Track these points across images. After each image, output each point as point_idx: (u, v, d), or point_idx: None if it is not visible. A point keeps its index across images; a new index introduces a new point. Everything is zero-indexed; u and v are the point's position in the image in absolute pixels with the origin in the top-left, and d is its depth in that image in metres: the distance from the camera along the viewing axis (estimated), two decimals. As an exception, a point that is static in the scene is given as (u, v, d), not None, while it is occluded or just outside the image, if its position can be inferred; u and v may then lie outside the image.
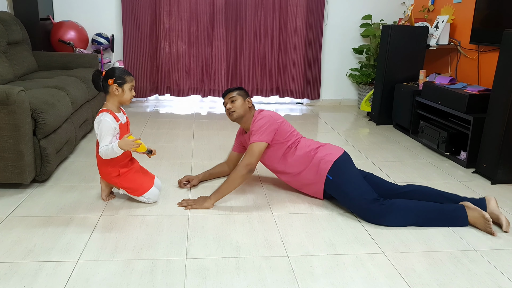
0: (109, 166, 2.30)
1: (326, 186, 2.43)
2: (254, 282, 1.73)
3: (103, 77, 2.27)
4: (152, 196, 2.40)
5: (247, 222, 2.24)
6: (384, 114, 4.50)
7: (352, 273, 1.82)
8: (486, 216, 2.17)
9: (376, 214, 2.25)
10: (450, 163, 3.34)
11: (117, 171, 2.31)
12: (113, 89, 2.26)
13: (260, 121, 2.44)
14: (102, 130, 2.21)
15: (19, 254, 1.86)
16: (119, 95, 2.28)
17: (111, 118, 2.24)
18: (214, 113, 4.84)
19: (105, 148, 2.20)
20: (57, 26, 4.51)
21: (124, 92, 2.28)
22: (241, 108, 2.52)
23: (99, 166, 2.34)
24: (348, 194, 2.33)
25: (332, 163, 2.38)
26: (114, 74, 2.25)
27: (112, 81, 2.24)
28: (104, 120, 2.22)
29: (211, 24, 5.05)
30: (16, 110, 2.32)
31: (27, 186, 2.57)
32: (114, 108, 2.30)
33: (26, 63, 3.69)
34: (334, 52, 5.39)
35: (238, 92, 2.57)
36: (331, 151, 2.45)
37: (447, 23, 4.20)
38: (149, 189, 2.38)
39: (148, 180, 2.42)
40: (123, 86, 2.27)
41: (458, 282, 1.79)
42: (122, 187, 2.36)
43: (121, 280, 1.71)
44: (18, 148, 2.38)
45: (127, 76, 2.28)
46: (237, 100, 2.53)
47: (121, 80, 2.26)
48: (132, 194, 2.37)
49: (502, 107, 2.82)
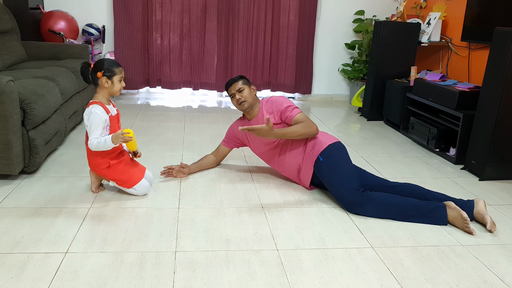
0: (99, 157, 2.28)
1: (316, 167, 2.46)
2: (243, 275, 1.74)
3: (92, 69, 2.25)
4: (142, 188, 2.39)
5: (237, 216, 2.24)
6: (375, 110, 4.52)
7: (341, 267, 1.84)
8: (464, 216, 2.18)
9: (353, 203, 2.30)
10: (439, 159, 3.37)
11: (107, 162, 2.29)
12: (102, 81, 2.24)
13: (279, 99, 2.55)
14: (93, 122, 2.20)
15: (7, 245, 1.85)
16: (108, 87, 2.26)
17: (101, 110, 2.22)
18: (205, 106, 4.82)
19: (97, 141, 2.18)
20: (47, 16, 4.45)
21: (114, 84, 2.26)
22: (249, 97, 2.57)
23: (89, 157, 2.32)
24: (333, 178, 2.38)
25: (327, 145, 2.45)
26: (102, 66, 2.23)
27: (101, 74, 2.23)
28: (95, 113, 2.20)
29: (203, 17, 5.02)
30: (4, 100, 2.29)
31: (16, 177, 2.55)
32: (104, 100, 2.28)
33: (15, 52, 3.63)
34: (326, 47, 5.40)
35: (243, 81, 2.60)
36: (328, 137, 2.54)
37: (439, 20, 4.22)
38: (139, 181, 2.37)
39: (138, 172, 2.40)
40: (113, 78, 2.25)
41: (445, 276, 1.81)
42: (112, 178, 2.34)
43: (110, 272, 1.70)
44: (6, 139, 2.35)
45: (116, 67, 2.27)
46: (245, 90, 2.57)
47: (110, 73, 2.24)
48: (122, 186, 2.36)
49: (491, 104, 2.85)
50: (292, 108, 2.50)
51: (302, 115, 2.49)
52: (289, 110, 2.50)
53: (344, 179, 2.34)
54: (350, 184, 2.31)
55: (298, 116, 2.48)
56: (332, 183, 2.40)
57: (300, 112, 2.49)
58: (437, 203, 2.30)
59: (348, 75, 5.30)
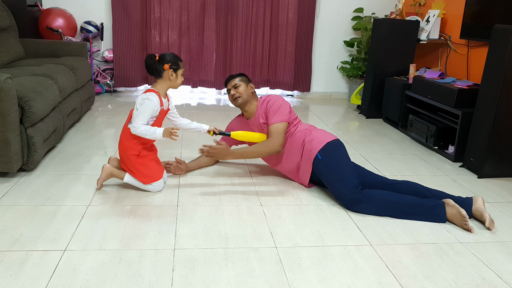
0: (133, 142, 2.31)
1: (315, 165, 2.46)
2: (242, 273, 1.74)
3: (158, 61, 2.31)
4: (159, 186, 2.43)
5: (236, 214, 2.24)
6: (374, 108, 4.52)
7: (340, 265, 1.84)
8: (463, 213, 2.18)
9: (351, 201, 2.30)
10: (438, 157, 3.37)
11: (138, 150, 2.34)
12: (168, 74, 2.33)
13: (276, 103, 2.54)
14: (146, 108, 2.25)
15: (5, 243, 1.84)
16: (172, 80, 2.35)
17: (157, 100, 2.30)
18: (204, 104, 4.81)
19: (145, 128, 2.24)
20: (45, 13, 4.43)
21: (177, 77, 2.36)
22: (245, 94, 2.59)
23: (124, 139, 2.34)
24: (332, 175, 2.38)
25: (325, 143, 2.45)
26: (169, 59, 2.32)
27: (168, 66, 2.31)
28: (151, 100, 2.27)
29: (202, 14, 5.01)
30: (2, 98, 2.28)
31: (14, 175, 2.54)
32: (162, 92, 2.37)
33: (13, 50, 3.62)
34: (325, 44, 5.39)
35: (240, 78, 2.64)
36: (326, 134, 2.55)
37: (438, 18, 4.22)
38: (159, 179, 2.41)
39: (160, 170, 2.45)
40: (177, 72, 2.35)
41: (443, 273, 1.81)
42: (134, 168, 2.35)
43: (109, 270, 1.70)
44: (4, 136, 2.35)
45: (180, 62, 2.38)
46: (241, 86, 2.60)
47: (176, 66, 2.34)
48: (140, 179, 2.37)
49: (490, 102, 2.85)
50: (278, 114, 2.49)
51: (278, 127, 2.48)
52: (274, 115, 2.50)
53: (343, 176, 2.34)
54: (348, 182, 2.31)
55: (275, 126, 2.48)
56: (330, 180, 2.40)
57: (281, 122, 2.49)
58: (436, 200, 2.30)
59: (347, 72, 5.29)
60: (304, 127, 2.59)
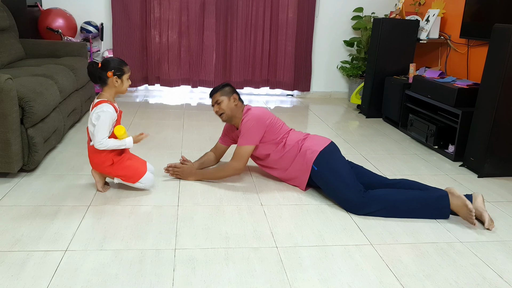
0: (102, 155, 2.28)
1: (313, 176, 2.45)
2: (243, 273, 1.74)
3: (100, 68, 2.25)
4: (148, 180, 2.41)
5: (236, 213, 2.25)
6: (374, 107, 4.52)
7: (340, 264, 1.84)
8: (470, 206, 2.16)
9: (356, 205, 2.28)
10: (438, 156, 3.37)
11: (110, 160, 2.30)
12: (112, 81, 2.26)
13: (247, 123, 2.47)
14: (104, 121, 2.20)
15: (6, 244, 1.85)
16: (118, 86, 2.29)
17: (112, 109, 2.25)
18: (204, 104, 4.81)
19: (113, 143, 2.22)
20: (45, 14, 4.43)
21: (123, 83, 2.30)
22: (228, 109, 2.55)
23: (92, 157, 2.32)
24: (332, 184, 2.36)
25: (318, 153, 2.42)
26: (113, 65, 2.25)
27: (112, 73, 2.24)
28: (107, 111, 2.22)
29: (202, 14, 5.01)
30: (3, 99, 2.28)
31: (15, 175, 2.54)
32: (111, 98, 2.31)
33: (13, 50, 3.62)
34: (325, 44, 5.39)
35: (222, 92, 2.57)
36: (318, 142, 2.49)
37: (437, 17, 4.22)
38: (144, 174, 2.39)
39: (141, 165, 2.42)
40: (122, 77, 2.28)
41: (444, 273, 1.82)
42: (117, 175, 2.35)
43: (110, 270, 1.71)
44: (5, 137, 2.35)
45: (124, 66, 2.30)
46: (223, 101, 2.55)
47: (120, 72, 2.27)
48: (128, 182, 2.37)
49: (490, 101, 2.85)
50: (247, 135, 2.46)
51: (241, 151, 2.47)
52: (241, 137, 2.48)
53: (343, 183, 2.31)
54: (350, 188, 2.29)
55: (238, 149, 2.47)
56: (332, 189, 2.37)
57: (247, 145, 2.46)
58: (439, 190, 2.30)
59: (346, 72, 5.30)
60: (295, 138, 2.52)
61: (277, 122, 2.56)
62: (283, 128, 2.57)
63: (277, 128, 2.54)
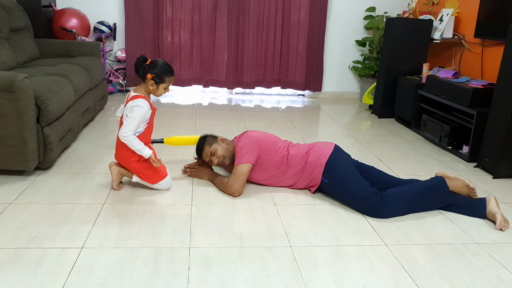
0: (130, 150, 2.30)
1: (324, 187, 2.44)
2: (257, 272, 1.74)
3: (146, 66, 2.26)
4: (168, 183, 2.44)
5: (250, 213, 2.25)
6: (386, 107, 4.49)
7: (355, 264, 1.83)
8: (471, 186, 2.30)
9: (375, 208, 2.25)
10: (452, 157, 3.34)
11: (138, 156, 2.32)
12: (149, 83, 2.28)
13: (241, 142, 2.45)
14: (137, 115, 2.23)
15: (24, 241, 1.87)
16: (152, 90, 2.31)
17: (147, 105, 2.28)
18: (215, 104, 4.83)
19: (137, 142, 2.24)
20: (59, 14, 4.48)
21: (158, 89, 2.30)
22: (225, 151, 2.53)
23: (119, 148, 2.35)
24: (346, 191, 2.33)
25: (324, 165, 2.39)
26: (155, 70, 2.25)
27: (151, 77, 2.25)
28: (142, 107, 2.24)
29: (213, 14, 5.02)
30: (20, 97, 2.31)
31: (31, 173, 2.57)
32: (146, 94, 2.34)
33: (29, 50, 3.67)
34: (337, 44, 5.37)
35: (208, 144, 2.53)
36: (321, 152, 2.43)
37: (451, 17, 4.19)
38: (165, 177, 2.42)
39: (163, 168, 2.45)
40: (159, 85, 2.29)
41: (460, 274, 1.80)
42: (138, 172, 2.37)
43: (126, 268, 1.72)
44: (21, 135, 2.38)
45: (167, 77, 2.28)
46: (217, 149, 2.51)
47: (159, 79, 2.27)
48: (147, 181, 2.39)
49: (506, 101, 2.82)
50: (243, 154, 2.39)
51: (238, 170, 2.38)
52: (237, 156, 2.42)
53: (358, 188, 2.29)
54: (365, 191, 2.26)
55: (237, 169, 2.39)
56: (346, 196, 2.35)
57: (243, 164, 2.38)
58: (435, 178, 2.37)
59: (358, 72, 5.27)
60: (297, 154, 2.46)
61: (274, 141, 2.50)
62: (279, 143, 2.50)
63: (273, 145, 2.47)
